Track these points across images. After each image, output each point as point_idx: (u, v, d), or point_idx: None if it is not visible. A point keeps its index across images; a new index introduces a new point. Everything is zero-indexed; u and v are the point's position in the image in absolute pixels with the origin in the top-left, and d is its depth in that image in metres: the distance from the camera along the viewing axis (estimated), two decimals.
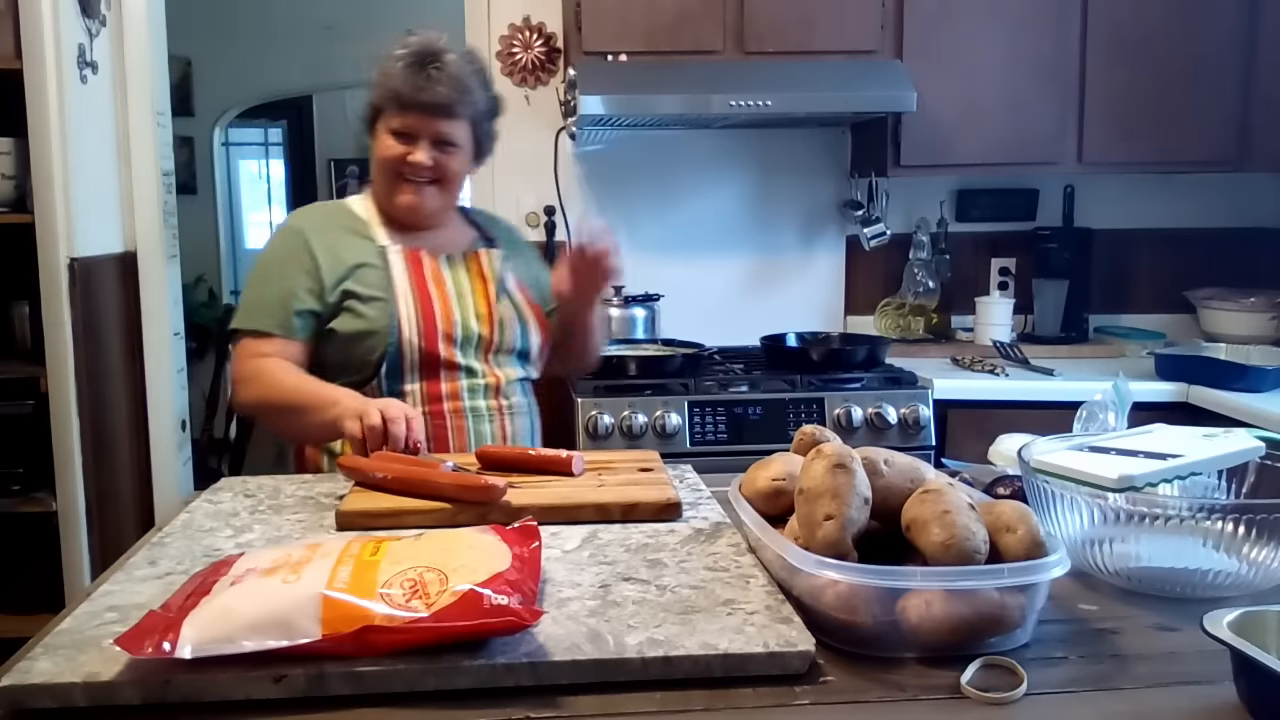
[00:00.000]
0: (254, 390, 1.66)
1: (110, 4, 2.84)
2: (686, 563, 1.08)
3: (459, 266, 1.80)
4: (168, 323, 3.02)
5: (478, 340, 1.74)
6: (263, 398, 1.66)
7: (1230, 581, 1.00)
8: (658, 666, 0.84)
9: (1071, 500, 1.04)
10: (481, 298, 1.78)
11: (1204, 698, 0.82)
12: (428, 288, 1.73)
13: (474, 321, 1.74)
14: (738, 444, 2.49)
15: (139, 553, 1.14)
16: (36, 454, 2.62)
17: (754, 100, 2.61)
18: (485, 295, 1.78)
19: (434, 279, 1.75)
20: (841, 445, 1.00)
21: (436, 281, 1.75)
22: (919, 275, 3.14)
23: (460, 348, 1.72)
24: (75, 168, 2.59)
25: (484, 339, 1.75)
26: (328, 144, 8.69)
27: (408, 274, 1.73)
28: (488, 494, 1.23)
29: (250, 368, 1.68)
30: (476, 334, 1.74)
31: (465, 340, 1.73)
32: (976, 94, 2.82)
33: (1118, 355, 2.99)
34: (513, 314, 1.80)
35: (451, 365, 1.71)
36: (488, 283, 1.80)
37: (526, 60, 3.07)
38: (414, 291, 1.72)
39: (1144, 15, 2.82)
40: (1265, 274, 3.10)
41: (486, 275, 1.81)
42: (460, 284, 1.78)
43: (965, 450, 2.41)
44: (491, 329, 1.76)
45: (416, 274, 1.74)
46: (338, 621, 0.82)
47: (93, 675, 0.81)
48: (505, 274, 1.84)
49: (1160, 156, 2.89)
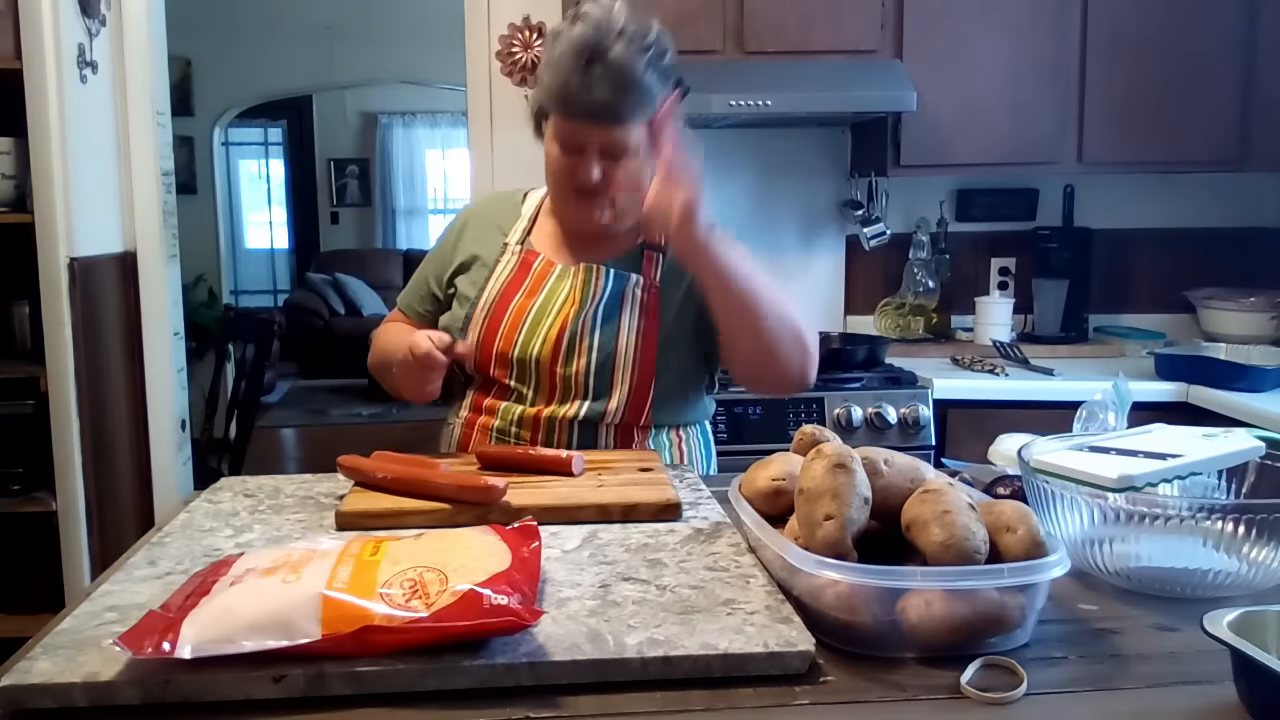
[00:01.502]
0: (372, 353, 1.68)
1: (110, 4, 2.84)
2: (686, 563, 1.08)
3: (568, 277, 1.58)
4: (168, 323, 3.03)
5: (536, 367, 1.54)
6: (372, 360, 1.68)
7: (1230, 581, 1.00)
8: (657, 666, 0.84)
9: (1071, 500, 1.04)
10: (560, 317, 1.55)
11: (1204, 698, 0.82)
12: (512, 298, 1.58)
13: (536, 343, 1.54)
14: (738, 444, 2.49)
15: (139, 553, 1.14)
16: (36, 454, 2.62)
17: (754, 100, 2.61)
18: (564, 315, 1.55)
19: (530, 288, 1.58)
20: (841, 445, 1.00)
21: (531, 291, 1.58)
22: (919, 275, 3.14)
23: (514, 369, 1.55)
24: (75, 168, 2.59)
25: (544, 366, 1.54)
26: (328, 144, 8.70)
27: (507, 278, 1.60)
28: (488, 494, 1.23)
29: (376, 334, 1.72)
30: (535, 356, 1.54)
31: (520, 362, 1.55)
32: (976, 94, 2.83)
33: (1118, 355, 2.99)
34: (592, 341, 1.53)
35: (501, 384, 1.58)
36: (580, 302, 1.55)
37: (526, 60, 3.07)
38: (497, 299, 1.59)
39: (1144, 16, 2.82)
40: (1265, 274, 3.11)
41: (589, 290, 1.56)
42: (553, 297, 1.57)
43: (965, 450, 2.41)
44: (555, 356, 1.54)
45: (516, 279, 1.60)
46: (337, 621, 0.82)
47: (93, 675, 0.81)
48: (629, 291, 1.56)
49: (1160, 156, 2.89)
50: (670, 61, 1.50)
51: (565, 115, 1.47)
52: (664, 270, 1.59)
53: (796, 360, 1.48)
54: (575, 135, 1.48)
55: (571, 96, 1.45)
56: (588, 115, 1.45)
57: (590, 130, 1.47)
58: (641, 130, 1.48)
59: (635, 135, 1.48)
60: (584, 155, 1.49)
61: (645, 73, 1.44)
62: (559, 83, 1.45)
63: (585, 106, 1.45)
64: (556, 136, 1.51)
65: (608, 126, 1.46)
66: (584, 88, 1.43)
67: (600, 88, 1.43)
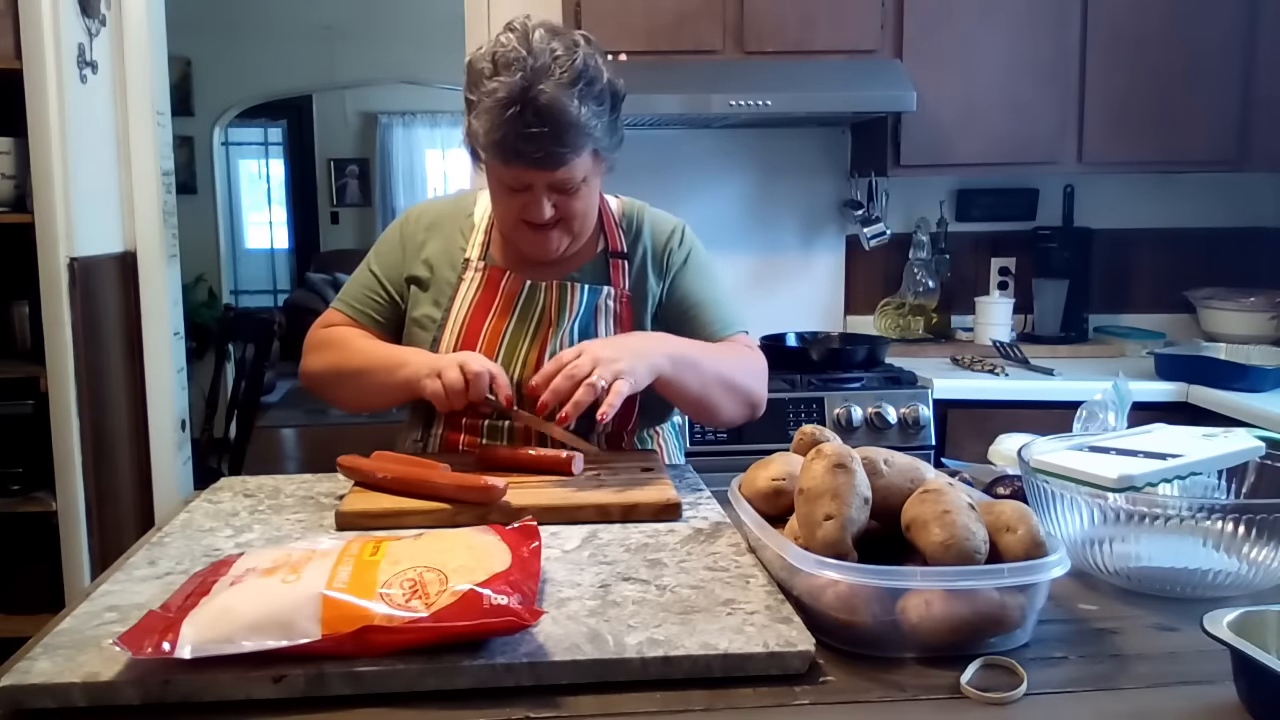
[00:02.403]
0: (321, 358, 1.58)
1: (110, 4, 2.84)
2: (686, 563, 1.08)
3: (539, 293, 1.56)
4: (168, 323, 3.02)
5: (517, 390, 1.50)
6: (330, 364, 1.56)
7: (1230, 581, 1.00)
8: (657, 666, 0.84)
9: (1071, 500, 1.04)
10: (539, 338, 1.55)
11: (1204, 698, 0.82)
12: (483, 319, 1.55)
13: (516, 366, 1.53)
14: (738, 444, 2.49)
15: (139, 553, 1.14)
16: (36, 454, 2.62)
17: (754, 100, 2.61)
18: (542, 335, 1.55)
19: (501, 308, 1.56)
20: (841, 445, 1.00)
21: (502, 311, 1.56)
22: (919, 275, 3.14)
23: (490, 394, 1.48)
24: (75, 168, 2.59)
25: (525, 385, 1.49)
26: (327, 144, 8.69)
27: (474, 298, 1.57)
28: (488, 494, 1.23)
29: (318, 337, 1.61)
30: (516, 380, 1.52)
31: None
32: (976, 94, 2.83)
33: (1117, 355, 2.99)
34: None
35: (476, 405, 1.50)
36: (556, 321, 1.55)
37: None
38: (467, 321, 1.56)
39: (1144, 15, 2.82)
40: (1265, 274, 3.10)
41: (564, 307, 1.55)
42: (527, 317, 1.56)
43: (965, 450, 2.41)
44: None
45: (484, 299, 1.56)
46: (337, 621, 0.82)
47: (92, 675, 0.81)
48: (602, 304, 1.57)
49: (1160, 156, 2.89)
50: (603, 81, 1.43)
51: (505, 164, 1.42)
52: (633, 278, 1.60)
53: (732, 407, 1.55)
54: (520, 178, 1.44)
55: (509, 148, 1.39)
56: (530, 165, 1.41)
57: (535, 175, 1.43)
58: (586, 159, 1.44)
59: (582, 167, 1.44)
60: (532, 193, 1.45)
61: (581, 108, 1.38)
62: (494, 136, 1.38)
63: (526, 157, 1.39)
64: (500, 179, 1.47)
65: (552, 171, 1.42)
66: (521, 138, 1.37)
67: (539, 139, 1.37)
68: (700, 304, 1.61)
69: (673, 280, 1.62)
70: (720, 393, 1.52)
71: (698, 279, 1.63)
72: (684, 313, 1.61)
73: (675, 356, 1.45)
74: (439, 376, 1.37)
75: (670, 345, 1.47)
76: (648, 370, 1.39)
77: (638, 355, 1.39)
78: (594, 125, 1.41)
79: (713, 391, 1.51)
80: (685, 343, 1.51)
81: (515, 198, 1.47)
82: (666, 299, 1.62)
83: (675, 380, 1.45)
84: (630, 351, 1.38)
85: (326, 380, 1.58)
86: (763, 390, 1.59)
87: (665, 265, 1.62)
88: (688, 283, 1.62)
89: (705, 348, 1.53)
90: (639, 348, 1.41)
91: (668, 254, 1.62)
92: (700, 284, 1.63)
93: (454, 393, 1.37)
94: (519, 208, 1.47)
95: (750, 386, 1.56)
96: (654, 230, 1.64)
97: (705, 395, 1.50)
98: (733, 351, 1.57)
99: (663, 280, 1.62)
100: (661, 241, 1.63)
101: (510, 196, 1.47)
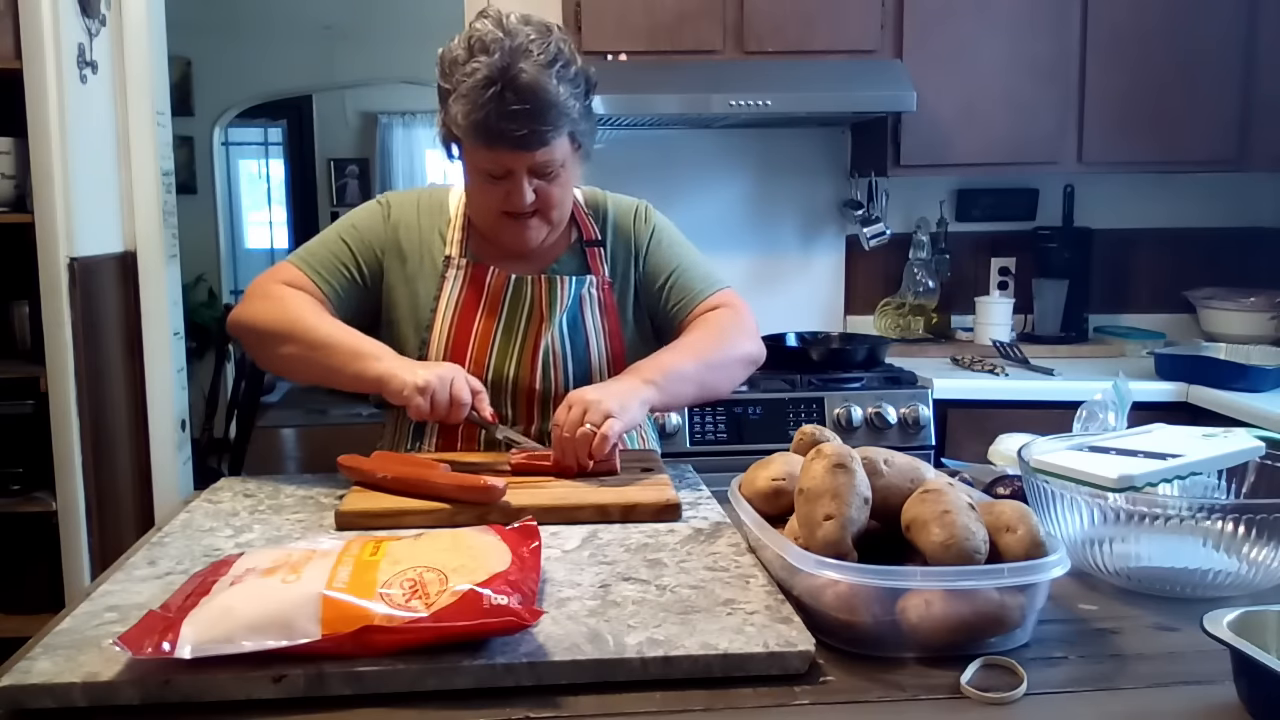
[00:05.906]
0: (269, 310, 1.49)
1: (110, 4, 2.84)
2: (686, 563, 1.08)
3: (525, 288, 1.55)
4: (168, 322, 3.02)
5: (513, 387, 1.53)
6: (278, 320, 1.48)
7: (1230, 581, 1.00)
8: (657, 666, 0.84)
9: (1071, 500, 1.04)
10: (530, 335, 1.54)
11: (1204, 698, 0.82)
12: (472, 317, 1.54)
13: (510, 365, 1.54)
14: (738, 444, 2.49)
15: (139, 553, 1.14)
16: (36, 454, 2.62)
17: (754, 100, 2.61)
18: (534, 332, 1.54)
19: (489, 306, 1.55)
20: (841, 445, 1.00)
21: (491, 309, 1.55)
22: (919, 275, 3.14)
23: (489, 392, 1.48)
24: (75, 168, 2.59)
25: (522, 386, 1.54)
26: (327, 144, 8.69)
27: (460, 297, 1.55)
28: (488, 494, 1.23)
29: (272, 289, 1.52)
30: (511, 380, 1.53)
31: (495, 385, 1.53)
32: (976, 94, 2.83)
33: (1118, 355, 2.99)
34: (565, 353, 1.55)
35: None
36: (547, 316, 1.54)
37: None
38: (456, 321, 1.54)
39: (1143, 16, 2.82)
40: (1265, 274, 3.10)
41: (554, 301, 1.55)
42: (516, 314, 1.55)
43: (965, 450, 2.41)
44: (533, 374, 1.54)
45: (471, 298, 1.55)
46: (337, 621, 0.82)
47: (92, 675, 0.81)
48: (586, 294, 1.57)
49: (1160, 156, 2.89)
50: (577, 64, 1.45)
51: (488, 146, 1.42)
52: (609, 264, 1.61)
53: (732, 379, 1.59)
54: (501, 162, 1.44)
55: (491, 129, 1.39)
56: (512, 145, 1.41)
57: (516, 157, 1.43)
58: (564, 142, 1.46)
59: (561, 150, 1.45)
60: (513, 179, 1.45)
61: (559, 88, 1.40)
62: (475, 118, 1.39)
63: (508, 138, 1.40)
64: (480, 166, 1.46)
65: (534, 151, 1.42)
66: (503, 117, 1.38)
67: (521, 116, 1.38)
68: (677, 270, 1.63)
69: (647, 258, 1.63)
70: (717, 377, 1.55)
71: (670, 250, 1.65)
72: (664, 284, 1.62)
73: (660, 380, 1.46)
74: (424, 394, 1.35)
75: (650, 371, 1.47)
76: (639, 405, 1.41)
77: (624, 395, 1.40)
78: (572, 106, 1.43)
79: (708, 381, 1.54)
80: (665, 356, 1.51)
81: (496, 186, 1.47)
82: (644, 277, 1.63)
83: (671, 399, 1.49)
84: (614, 395, 1.39)
85: (266, 336, 1.51)
86: (757, 344, 1.62)
87: (635, 246, 1.63)
88: (661, 256, 1.64)
89: (684, 347, 1.54)
90: (623, 389, 1.42)
91: (635, 235, 1.64)
92: (673, 254, 1.64)
93: (439, 415, 1.38)
94: (500, 197, 1.47)
95: (742, 352, 1.58)
96: (618, 214, 1.65)
97: (704, 391, 1.56)
98: (715, 325, 1.57)
99: (637, 261, 1.63)
100: (628, 224, 1.65)
101: (491, 185, 1.47)
